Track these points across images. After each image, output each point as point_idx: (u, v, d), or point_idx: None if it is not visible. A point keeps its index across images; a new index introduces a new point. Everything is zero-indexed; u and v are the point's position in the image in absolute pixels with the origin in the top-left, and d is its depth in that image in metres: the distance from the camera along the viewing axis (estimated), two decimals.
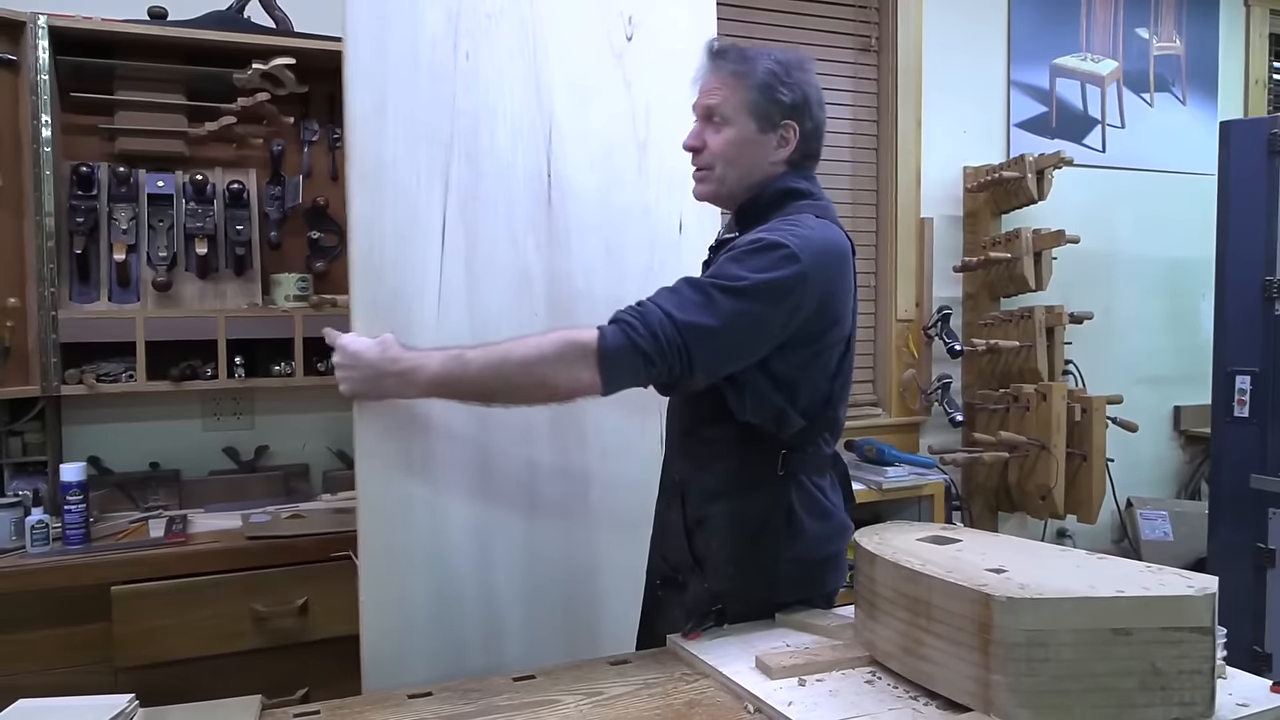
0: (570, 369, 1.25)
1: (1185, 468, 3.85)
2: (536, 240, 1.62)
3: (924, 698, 1.13)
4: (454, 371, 1.30)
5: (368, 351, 1.34)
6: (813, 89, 1.45)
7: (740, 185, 1.45)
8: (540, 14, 1.64)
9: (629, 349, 1.23)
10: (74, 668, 1.87)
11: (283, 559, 2.01)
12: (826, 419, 1.45)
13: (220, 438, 2.46)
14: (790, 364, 1.37)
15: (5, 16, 2.06)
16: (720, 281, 1.28)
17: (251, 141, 2.38)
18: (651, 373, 1.26)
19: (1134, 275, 3.68)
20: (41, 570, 1.87)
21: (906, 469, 2.87)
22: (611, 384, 1.27)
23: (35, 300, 2.11)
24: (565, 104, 1.66)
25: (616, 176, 1.70)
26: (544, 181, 1.63)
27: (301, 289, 2.36)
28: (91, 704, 1.14)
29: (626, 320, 1.26)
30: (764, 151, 1.43)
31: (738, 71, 1.42)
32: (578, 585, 1.66)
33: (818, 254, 1.32)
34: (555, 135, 1.64)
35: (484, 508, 1.56)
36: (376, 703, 1.21)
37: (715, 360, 1.29)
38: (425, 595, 1.50)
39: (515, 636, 1.59)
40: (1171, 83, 3.74)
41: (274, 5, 2.34)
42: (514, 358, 1.27)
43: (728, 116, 1.43)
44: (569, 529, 1.65)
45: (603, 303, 1.67)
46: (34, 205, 2.10)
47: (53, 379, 2.11)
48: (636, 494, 1.63)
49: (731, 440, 1.41)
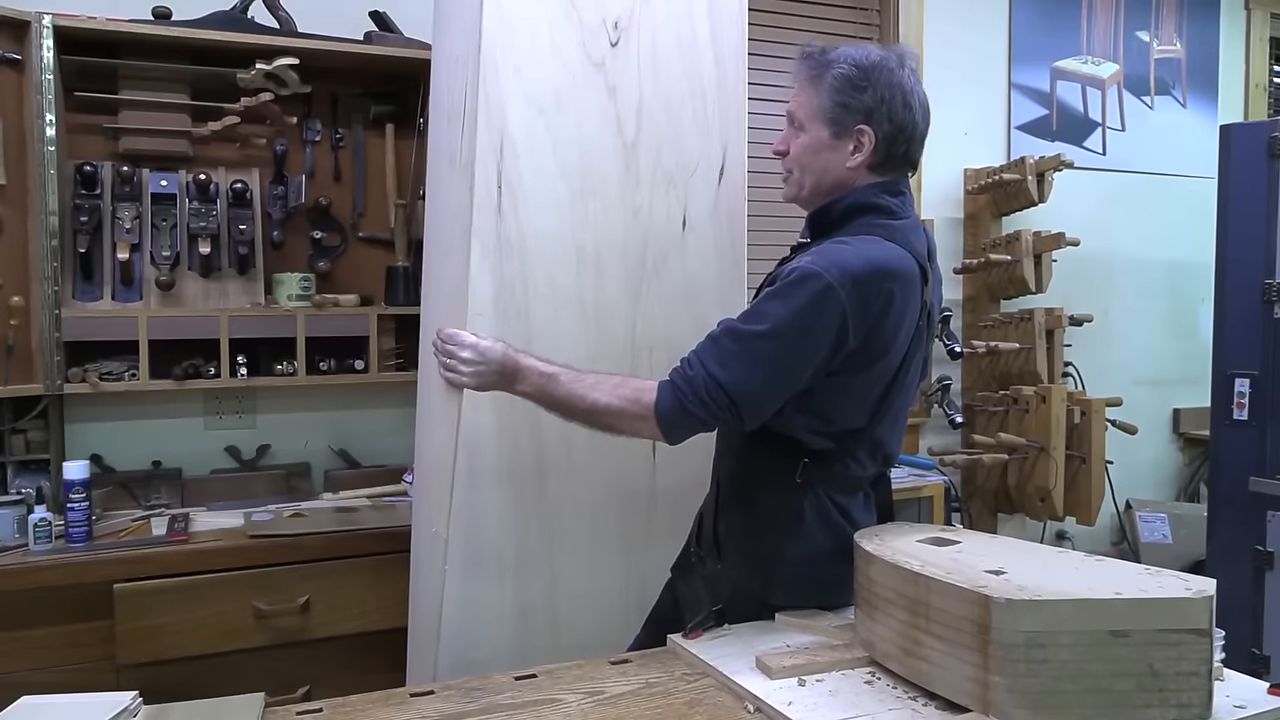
0: (634, 423, 1.38)
1: (1185, 470, 3.86)
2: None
3: (923, 698, 1.14)
4: (546, 389, 1.43)
5: (493, 349, 1.47)
6: (895, 89, 1.39)
7: (817, 190, 1.45)
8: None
9: (681, 413, 1.33)
10: (77, 665, 1.88)
11: (285, 557, 2.02)
12: (862, 441, 1.43)
13: (222, 436, 2.47)
14: (825, 388, 1.36)
15: (10, 16, 2.06)
16: (757, 328, 1.31)
17: (255, 141, 2.38)
18: (707, 428, 1.38)
19: (1134, 278, 3.68)
20: (44, 568, 1.88)
21: (906, 470, 2.87)
22: (673, 440, 1.38)
23: (39, 299, 2.12)
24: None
25: (592, 182, 1.68)
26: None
27: (304, 288, 2.37)
28: (95, 701, 1.15)
29: (678, 384, 1.34)
30: (839, 157, 1.42)
31: (813, 75, 1.43)
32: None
33: (858, 283, 1.29)
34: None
35: (562, 505, 1.69)
36: (379, 700, 1.21)
37: (762, 408, 1.35)
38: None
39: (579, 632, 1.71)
40: (1172, 86, 3.75)
41: (277, 5, 2.35)
42: (588, 401, 1.39)
43: (803, 122, 1.44)
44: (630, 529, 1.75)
45: (571, 305, 1.69)
46: (38, 204, 2.11)
47: (56, 377, 2.12)
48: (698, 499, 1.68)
49: (757, 437, 1.42)
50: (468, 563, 1.62)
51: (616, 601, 1.75)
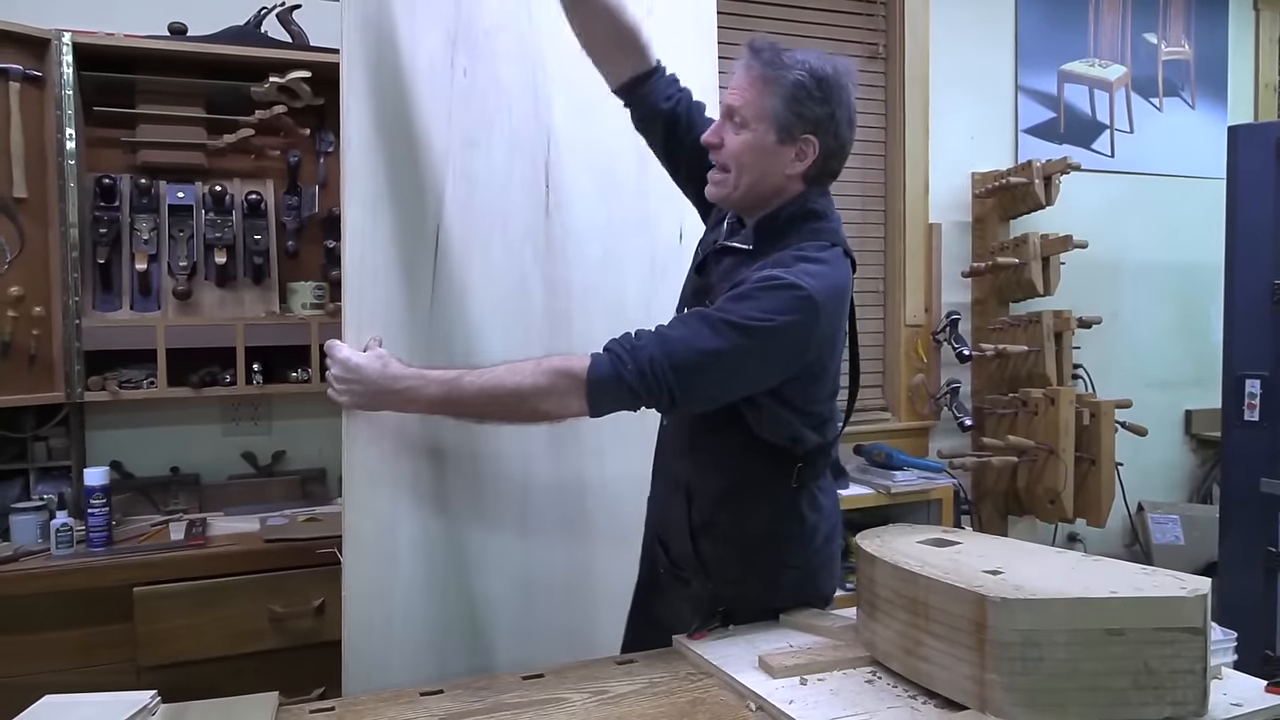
0: (561, 399, 1.29)
1: (1197, 471, 3.85)
2: (534, 248, 1.65)
3: (923, 697, 1.15)
4: (450, 396, 1.33)
5: (368, 367, 1.36)
6: (844, 107, 1.38)
7: (752, 192, 1.41)
8: (539, 27, 1.67)
9: (615, 382, 1.27)
10: (98, 667, 1.92)
11: (300, 561, 2.05)
12: (832, 429, 1.47)
13: (239, 443, 2.51)
14: (802, 392, 1.39)
15: (31, 34, 2.11)
16: (731, 318, 1.27)
17: (269, 153, 2.43)
18: (637, 404, 1.30)
19: (1144, 279, 3.68)
20: (66, 572, 1.92)
21: (915, 473, 2.88)
22: (598, 411, 1.31)
23: (60, 309, 2.17)
24: (564, 114, 1.69)
25: (616, 186, 1.73)
26: (542, 191, 1.66)
27: (318, 297, 2.41)
28: (114, 700, 1.18)
29: (617, 353, 1.28)
30: (779, 163, 1.39)
31: (767, 76, 1.37)
32: (570, 586, 1.69)
33: (831, 297, 1.31)
34: (554, 146, 1.67)
35: (472, 507, 1.58)
36: (389, 700, 1.24)
37: (705, 395, 1.32)
38: (408, 592, 1.52)
39: (505, 638, 1.60)
40: (1180, 87, 3.75)
41: (290, 20, 2.39)
42: (508, 386, 1.30)
43: (747, 120, 1.38)
44: (561, 528, 1.68)
45: (602, 313, 1.70)
46: (59, 216, 2.16)
47: (77, 386, 2.16)
48: (633, 493, 1.65)
49: (743, 449, 1.41)
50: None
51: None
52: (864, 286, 3.29)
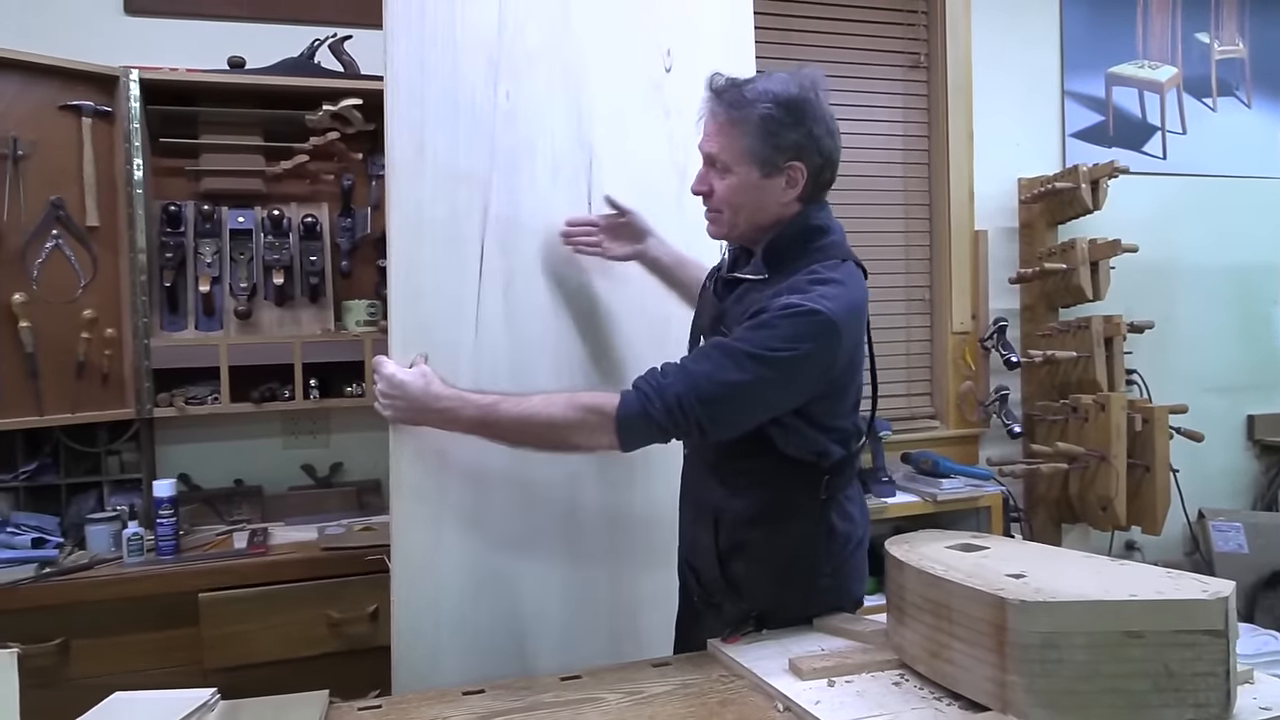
0: (591, 434, 1.34)
1: (1261, 478, 3.74)
2: (577, 267, 1.70)
3: (947, 698, 1.17)
4: (486, 420, 1.39)
5: (412, 384, 1.41)
6: (818, 121, 1.38)
7: (752, 226, 1.44)
8: (581, 50, 1.72)
9: (643, 420, 1.31)
10: (166, 668, 2.01)
11: (356, 569, 2.12)
12: (857, 440, 1.49)
13: (298, 455, 2.61)
14: (827, 409, 1.41)
15: (101, 72, 2.24)
16: (753, 349, 1.29)
17: (323, 177, 2.53)
18: (667, 439, 1.35)
19: (1200, 283, 3.60)
20: (137, 579, 2.03)
21: (962, 481, 2.86)
22: (628, 448, 1.35)
23: (130, 330, 2.29)
24: (605, 136, 1.73)
25: (657, 205, 1.76)
26: (585, 211, 1.72)
27: (371, 314, 2.50)
28: (178, 697, 1.26)
29: (645, 392, 1.31)
30: (771, 194, 1.40)
31: (733, 118, 1.37)
32: (613, 601, 1.73)
33: (849, 316, 1.33)
34: (596, 166, 1.72)
35: (515, 520, 1.63)
36: (433, 699, 1.30)
37: (732, 424, 1.35)
38: (453, 601, 1.57)
39: (548, 648, 1.65)
40: (1235, 86, 3.67)
41: (342, 50, 2.49)
42: (541, 418, 1.35)
43: (728, 164, 1.40)
44: (604, 545, 1.71)
45: (645, 333, 1.73)
46: (128, 243, 2.29)
47: (146, 402, 2.28)
48: (671, 510, 1.67)
49: (771, 469, 1.43)
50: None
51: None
52: (911, 295, 3.30)
